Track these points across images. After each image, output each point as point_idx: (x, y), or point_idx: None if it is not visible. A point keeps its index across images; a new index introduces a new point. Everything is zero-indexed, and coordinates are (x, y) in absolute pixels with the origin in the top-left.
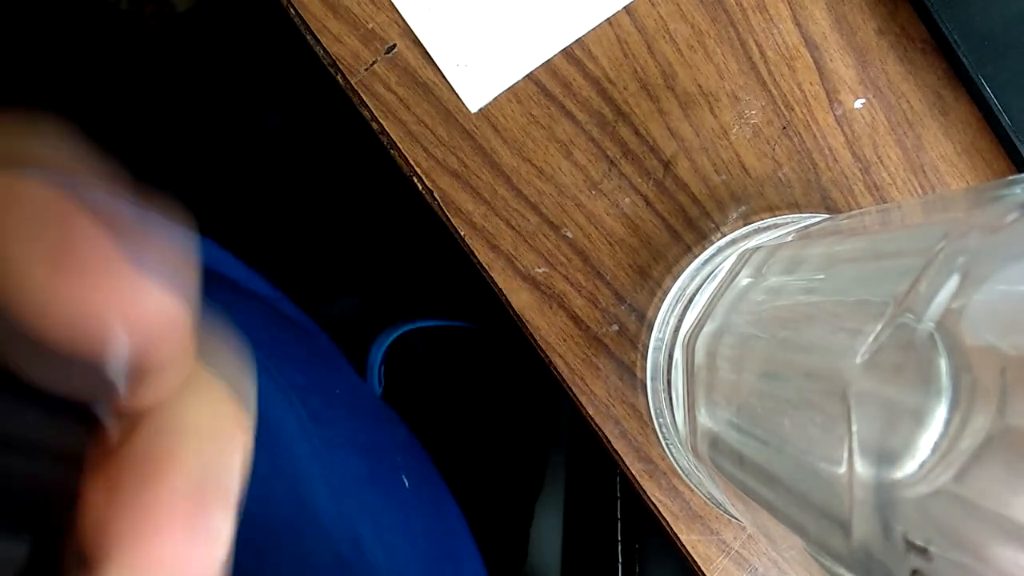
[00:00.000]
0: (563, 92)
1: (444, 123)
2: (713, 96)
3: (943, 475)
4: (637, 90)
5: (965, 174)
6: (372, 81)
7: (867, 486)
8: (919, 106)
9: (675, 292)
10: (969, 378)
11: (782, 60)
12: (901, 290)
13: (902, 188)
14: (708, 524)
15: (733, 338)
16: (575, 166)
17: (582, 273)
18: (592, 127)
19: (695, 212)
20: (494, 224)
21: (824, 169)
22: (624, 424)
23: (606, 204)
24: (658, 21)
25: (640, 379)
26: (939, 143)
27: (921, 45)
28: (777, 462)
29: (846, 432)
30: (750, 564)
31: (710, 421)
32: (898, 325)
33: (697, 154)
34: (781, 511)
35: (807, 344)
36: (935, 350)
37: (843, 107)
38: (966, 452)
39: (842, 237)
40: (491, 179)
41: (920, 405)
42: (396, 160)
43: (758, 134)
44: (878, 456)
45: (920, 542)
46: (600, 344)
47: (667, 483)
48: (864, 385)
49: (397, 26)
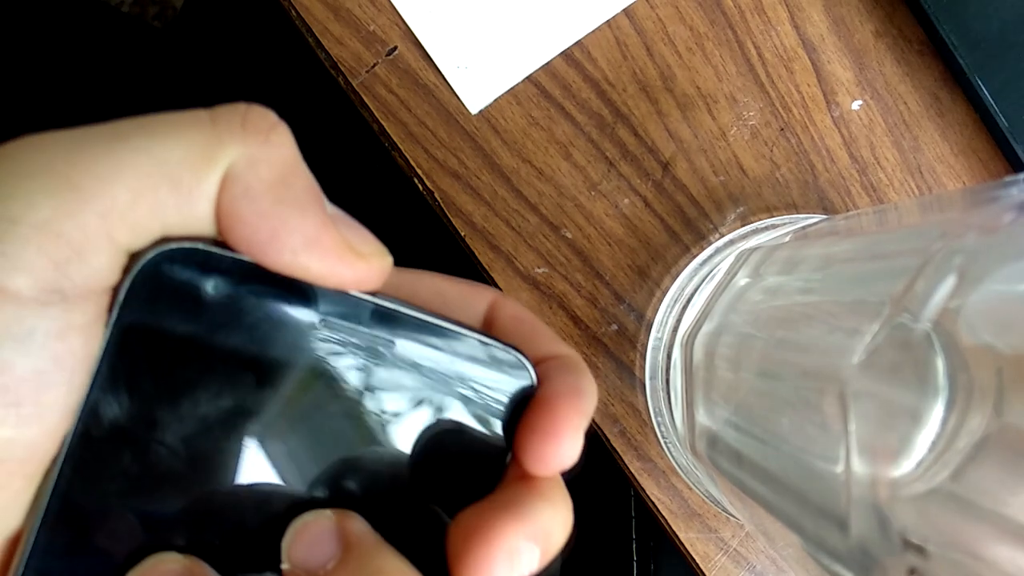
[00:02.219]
0: (563, 94)
1: (445, 124)
2: (711, 98)
3: (940, 474)
4: (636, 92)
5: (962, 175)
6: (373, 83)
7: (864, 484)
8: (916, 108)
9: (674, 292)
10: (966, 377)
11: (780, 62)
12: (898, 290)
13: (899, 189)
14: (706, 522)
15: (731, 338)
16: (574, 167)
17: (581, 273)
18: (591, 128)
19: (693, 213)
20: (494, 225)
21: (821, 170)
22: (623, 423)
23: (605, 205)
24: (657, 23)
25: (639, 378)
26: (936, 144)
27: (918, 47)
28: (775, 461)
29: (843, 431)
30: (748, 562)
31: (708, 420)
32: (895, 325)
33: (695, 155)
34: (779, 509)
35: (804, 344)
36: (932, 350)
37: (840, 109)
38: (963, 451)
39: (839, 238)
40: (491, 180)
41: (917, 404)
42: (397, 161)
43: (756, 135)
44: (875, 455)
45: (917, 540)
46: (599, 343)
47: (666, 481)
48: (861, 384)
49: (398, 28)
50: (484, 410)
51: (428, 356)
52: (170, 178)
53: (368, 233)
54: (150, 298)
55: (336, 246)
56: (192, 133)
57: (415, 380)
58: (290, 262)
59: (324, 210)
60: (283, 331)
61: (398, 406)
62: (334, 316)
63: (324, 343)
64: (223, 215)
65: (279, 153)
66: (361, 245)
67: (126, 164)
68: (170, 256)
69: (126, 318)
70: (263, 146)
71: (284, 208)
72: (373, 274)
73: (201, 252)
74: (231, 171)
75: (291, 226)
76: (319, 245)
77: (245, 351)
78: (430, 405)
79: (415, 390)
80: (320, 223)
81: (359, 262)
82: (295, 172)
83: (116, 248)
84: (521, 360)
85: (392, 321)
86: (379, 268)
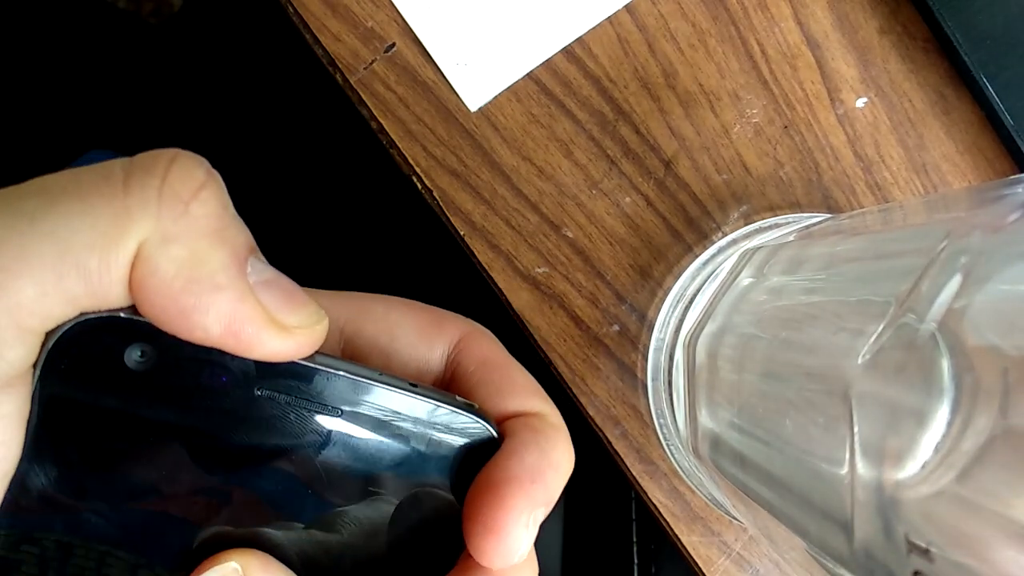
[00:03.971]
0: (563, 91)
1: (443, 122)
2: (714, 95)
3: (945, 476)
4: (638, 89)
5: (967, 173)
6: (371, 80)
7: (869, 487)
8: (921, 105)
9: (676, 292)
10: (971, 378)
11: (783, 59)
12: (903, 290)
13: (904, 187)
14: (709, 525)
15: (734, 338)
16: (575, 165)
17: (582, 273)
18: (592, 126)
19: (696, 212)
20: (494, 224)
21: (826, 168)
22: (625, 425)
23: (607, 203)
24: (659, 20)
25: (641, 380)
26: (941, 142)
27: (923, 44)
28: (778, 463)
29: (848, 433)
30: (751, 565)
31: (711, 422)
32: (900, 325)
33: (698, 153)
34: (782, 512)
35: (809, 344)
36: (937, 350)
37: (845, 106)
38: (968, 453)
39: (844, 237)
40: (491, 178)
41: (922, 406)
42: (395, 159)
43: (759, 133)
44: (880, 457)
45: (922, 543)
46: (601, 344)
47: (668, 484)
48: (866, 386)
49: (396, 25)
50: (440, 476)
51: (373, 420)
52: (77, 265)
53: (300, 296)
54: (70, 370)
55: (254, 321)
56: (101, 209)
57: (361, 446)
58: (204, 340)
59: (244, 282)
60: (213, 397)
61: (341, 476)
62: (268, 381)
63: (259, 409)
64: (135, 292)
65: (197, 226)
66: (287, 316)
67: (31, 254)
68: (86, 327)
69: (46, 391)
70: (179, 220)
71: (196, 287)
72: (300, 347)
73: (121, 321)
74: (141, 251)
75: (203, 306)
76: (235, 322)
77: (174, 418)
78: (378, 474)
79: (361, 458)
80: (237, 298)
81: (282, 336)
82: (214, 242)
83: (31, 335)
84: (484, 425)
85: (330, 384)
86: (307, 340)
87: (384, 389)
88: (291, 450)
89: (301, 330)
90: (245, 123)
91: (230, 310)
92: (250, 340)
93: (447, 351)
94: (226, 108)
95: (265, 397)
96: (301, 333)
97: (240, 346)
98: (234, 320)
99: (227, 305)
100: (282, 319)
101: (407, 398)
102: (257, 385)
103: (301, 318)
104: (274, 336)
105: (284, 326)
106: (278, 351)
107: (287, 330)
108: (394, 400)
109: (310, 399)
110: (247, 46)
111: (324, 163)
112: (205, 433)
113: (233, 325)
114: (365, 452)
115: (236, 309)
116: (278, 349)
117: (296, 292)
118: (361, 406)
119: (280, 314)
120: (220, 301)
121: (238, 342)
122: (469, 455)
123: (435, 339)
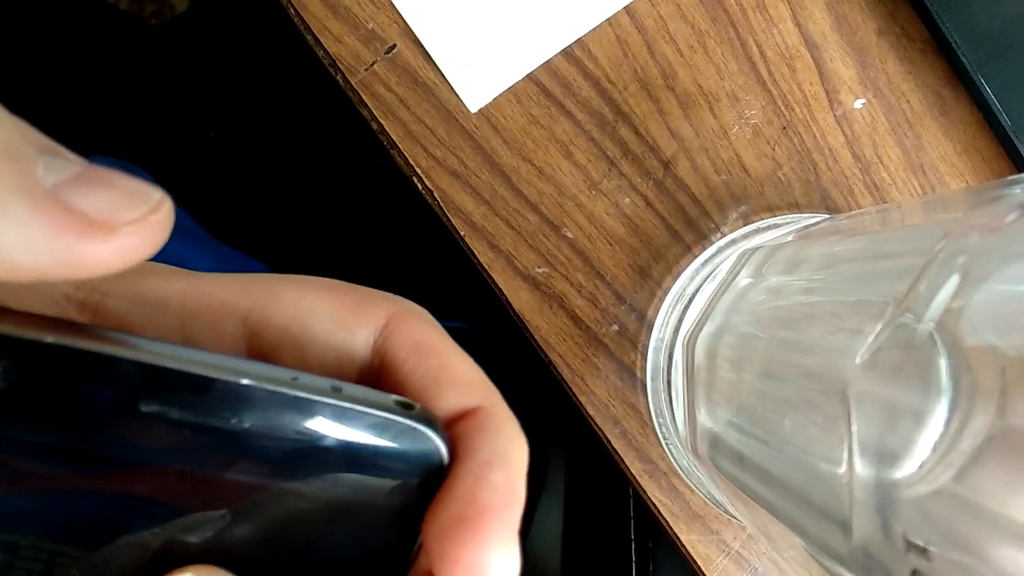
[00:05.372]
0: (563, 92)
1: (444, 123)
2: (713, 96)
3: (943, 475)
4: (637, 90)
5: (965, 174)
6: (372, 81)
7: (867, 486)
8: (919, 106)
9: (675, 292)
10: (969, 378)
11: (782, 60)
12: (901, 290)
13: (902, 188)
14: (708, 524)
15: (733, 338)
16: (575, 166)
17: (582, 273)
18: (592, 127)
19: (695, 212)
20: (494, 224)
21: (824, 169)
22: (624, 424)
23: (606, 204)
24: (658, 21)
25: (640, 379)
26: (939, 143)
27: (921, 45)
28: (777, 462)
29: (846, 432)
30: (750, 564)
31: (710, 421)
32: (898, 325)
33: (697, 154)
34: (781, 511)
35: (807, 344)
36: (935, 350)
37: (843, 107)
38: (966, 452)
39: (842, 237)
40: (491, 179)
41: (920, 405)
42: (396, 160)
43: (758, 134)
44: (878, 456)
45: (920, 542)
46: (600, 344)
47: (667, 483)
48: (864, 385)
49: (397, 26)
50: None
51: (287, 432)
52: None
53: (123, 184)
54: None
55: (63, 231)
56: None
57: (274, 463)
58: (27, 278)
59: (36, 188)
60: (93, 415)
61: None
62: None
63: (146, 428)
64: None
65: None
66: (112, 212)
67: None
68: None
69: None
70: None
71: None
72: (135, 247)
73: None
74: None
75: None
76: (41, 242)
77: (49, 440)
78: (299, 491)
79: (276, 474)
80: (30, 212)
81: (110, 239)
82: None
83: None
84: (426, 432)
85: (231, 394)
86: (143, 238)
87: (297, 394)
88: (190, 472)
89: (132, 226)
90: (246, 124)
91: (26, 231)
92: (71, 257)
93: (373, 336)
94: (227, 109)
95: (154, 414)
96: (133, 230)
97: (68, 269)
98: (38, 240)
99: (18, 227)
100: (105, 218)
101: (327, 403)
102: (143, 400)
103: (130, 210)
104: (101, 242)
105: (110, 226)
106: (110, 260)
107: (114, 230)
108: (311, 407)
109: (207, 414)
110: (248, 48)
111: (325, 164)
112: (88, 455)
113: (41, 246)
114: (279, 470)
115: (32, 225)
116: (109, 258)
117: (117, 180)
118: (271, 418)
119: (101, 213)
120: (9, 224)
121: (63, 266)
122: (412, 465)
123: (356, 324)
